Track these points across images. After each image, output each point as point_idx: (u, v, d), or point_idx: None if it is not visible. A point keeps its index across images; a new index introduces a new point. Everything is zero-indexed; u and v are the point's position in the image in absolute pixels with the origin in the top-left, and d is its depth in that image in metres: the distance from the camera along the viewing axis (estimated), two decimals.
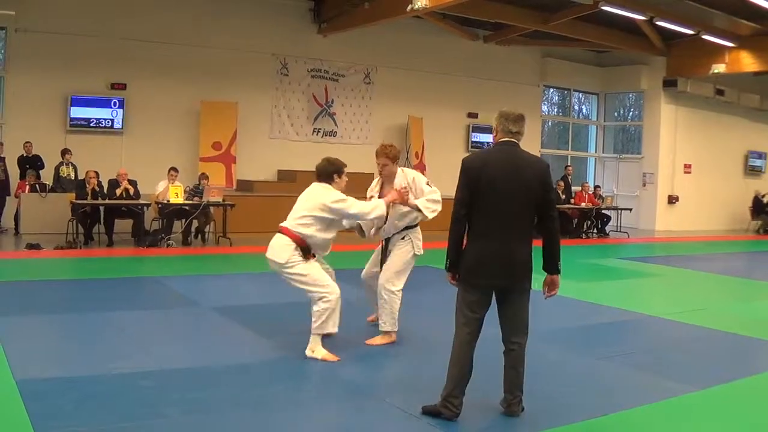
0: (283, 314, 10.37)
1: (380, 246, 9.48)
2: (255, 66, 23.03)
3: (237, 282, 13.35)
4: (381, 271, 9.26)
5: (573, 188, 26.07)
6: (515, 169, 6.30)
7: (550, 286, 6.59)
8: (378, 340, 9.03)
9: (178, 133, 21.66)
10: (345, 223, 9.09)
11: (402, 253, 9.16)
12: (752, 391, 7.86)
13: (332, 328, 8.33)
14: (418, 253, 9.28)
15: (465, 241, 6.40)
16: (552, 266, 6.53)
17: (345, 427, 6.41)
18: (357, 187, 23.68)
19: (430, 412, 6.39)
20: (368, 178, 23.75)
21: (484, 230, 6.32)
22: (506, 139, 6.42)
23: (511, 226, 6.31)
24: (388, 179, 9.31)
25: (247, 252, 16.91)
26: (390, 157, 9.10)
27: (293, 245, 8.35)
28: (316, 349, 8.25)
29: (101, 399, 6.53)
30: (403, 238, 9.21)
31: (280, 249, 8.37)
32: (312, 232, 8.44)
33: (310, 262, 8.47)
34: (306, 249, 8.44)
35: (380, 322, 9.10)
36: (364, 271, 9.69)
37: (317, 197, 8.55)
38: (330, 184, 8.71)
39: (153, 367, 7.58)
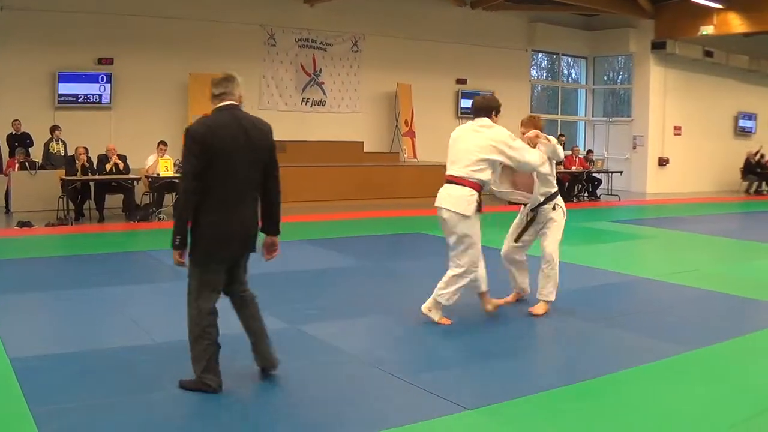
0: (276, 284, 10.29)
1: (520, 219, 9.26)
2: (242, 37, 22.98)
3: None
4: (521, 244, 9.23)
5: (564, 152, 26.02)
6: (243, 132, 6.09)
7: (271, 247, 6.46)
8: (542, 309, 8.95)
9: (166, 107, 21.64)
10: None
11: (559, 223, 9.05)
12: (745, 350, 7.93)
13: (448, 301, 8.28)
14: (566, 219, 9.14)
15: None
16: (274, 227, 6.42)
17: (340, 393, 6.35)
18: (346, 155, 23.76)
19: (190, 387, 6.13)
20: (358, 146, 23.93)
21: (220, 201, 6.03)
22: (226, 103, 6.14)
23: (246, 192, 6.16)
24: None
25: None
26: (537, 127, 8.81)
27: (475, 195, 7.89)
28: (434, 310, 8.29)
29: (95, 374, 6.54)
30: (553, 208, 9.01)
31: (463, 200, 7.87)
32: (487, 177, 8.00)
33: (479, 221, 8.07)
34: (480, 202, 8.01)
35: (544, 291, 8.96)
36: (504, 248, 9.40)
37: (493, 135, 7.97)
38: (491, 120, 8.13)
39: (147, 341, 7.61)
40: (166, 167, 17.62)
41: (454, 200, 7.90)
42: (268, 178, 6.26)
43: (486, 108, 8.17)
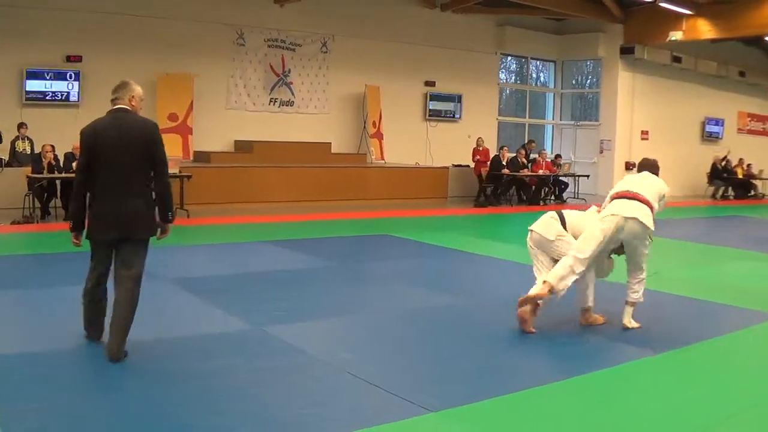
0: (241, 285, 10.53)
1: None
2: (211, 37, 23.07)
3: (195, 253, 13.38)
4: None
5: (531, 156, 26.32)
6: (123, 132, 6.96)
7: (163, 231, 7.39)
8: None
9: None
10: None
11: None
12: (707, 354, 8.09)
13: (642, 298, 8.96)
14: None
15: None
16: (163, 215, 7.32)
17: (304, 396, 6.37)
18: (314, 156, 23.84)
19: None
20: (325, 147, 24.01)
21: (99, 192, 7.03)
22: (116, 106, 7.11)
23: (126, 184, 7.01)
24: None
25: (205, 223, 16.98)
26: None
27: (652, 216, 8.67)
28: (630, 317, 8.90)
29: (58, 375, 6.59)
30: None
31: (649, 218, 8.57)
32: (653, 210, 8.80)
33: None
34: None
35: None
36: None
37: (660, 185, 9.03)
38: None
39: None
40: None
41: (645, 217, 8.57)
42: (154, 174, 7.20)
43: (653, 167, 9.41)
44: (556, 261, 8.77)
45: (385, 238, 16.05)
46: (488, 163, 24.71)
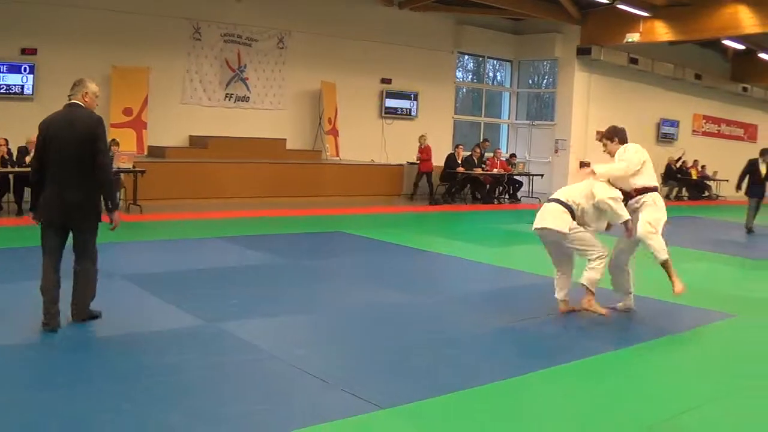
0: (193, 282, 10.63)
1: None
2: (167, 31, 23.07)
3: (149, 249, 13.36)
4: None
5: (486, 155, 26.53)
6: (69, 126, 7.78)
7: (112, 220, 8.15)
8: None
9: None
10: None
11: None
12: (662, 352, 8.34)
13: None
14: None
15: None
16: (106, 204, 8.11)
17: (256, 392, 6.46)
18: (269, 152, 23.85)
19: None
20: (280, 143, 24.04)
21: (49, 179, 7.80)
22: (70, 102, 7.96)
23: (71, 173, 7.76)
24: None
25: (159, 219, 17.00)
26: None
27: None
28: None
29: (4, 371, 6.61)
30: None
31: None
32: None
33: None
34: None
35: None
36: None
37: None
38: None
39: (59, 338, 7.64)
40: None
41: None
42: (95, 164, 7.81)
43: None
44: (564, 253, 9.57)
45: (340, 235, 16.29)
46: (430, 161, 24.98)
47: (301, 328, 8.72)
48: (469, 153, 25.96)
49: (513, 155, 28.57)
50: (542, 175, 28.70)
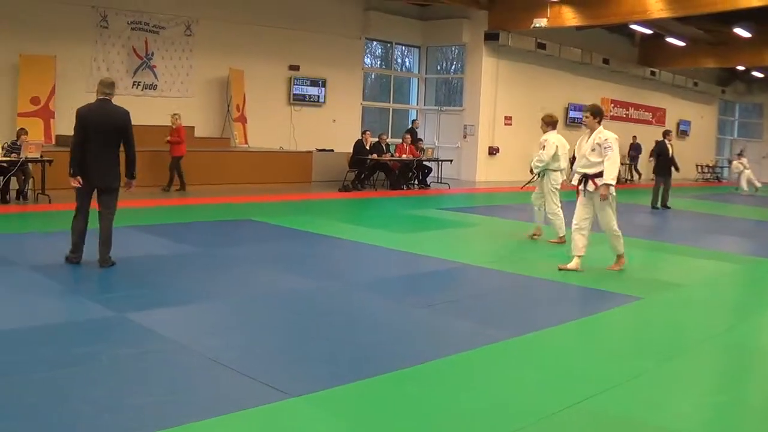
0: (102, 272, 10.83)
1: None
2: (74, 19, 23.38)
3: (56, 240, 12.85)
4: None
5: (394, 140, 27.35)
6: (107, 116, 10.95)
7: (128, 184, 11.35)
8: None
9: None
10: None
11: None
12: (572, 336, 8.71)
13: None
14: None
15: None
16: (130, 173, 11.38)
17: (165, 383, 6.51)
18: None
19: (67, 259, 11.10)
20: (189, 131, 24.52)
21: (90, 153, 10.80)
22: (102, 97, 11.01)
23: (104, 151, 10.91)
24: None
25: (66, 209, 17.09)
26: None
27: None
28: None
29: None
30: None
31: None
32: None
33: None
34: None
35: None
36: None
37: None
38: None
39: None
40: None
41: None
42: (125, 145, 11.11)
43: None
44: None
45: (249, 223, 16.77)
46: (183, 144, 23.01)
47: (210, 317, 8.87)
48: (376, 139, 26.89)
49: (420, 140, 29.57)
50: (451, 161, 29.97)
